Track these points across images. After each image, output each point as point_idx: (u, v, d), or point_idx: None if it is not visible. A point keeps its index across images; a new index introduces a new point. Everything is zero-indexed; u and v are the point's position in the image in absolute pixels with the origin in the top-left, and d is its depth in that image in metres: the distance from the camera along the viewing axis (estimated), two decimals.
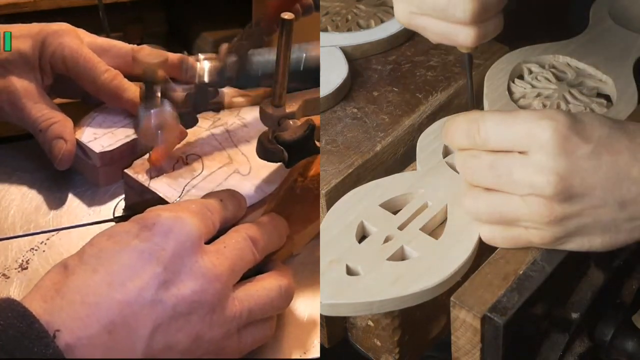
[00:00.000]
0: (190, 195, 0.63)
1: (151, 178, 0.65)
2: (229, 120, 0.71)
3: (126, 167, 0.66)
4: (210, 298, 0.50)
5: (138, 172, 0.66)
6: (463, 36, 0.58)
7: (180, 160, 0.66)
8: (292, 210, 0.61)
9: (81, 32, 0.72)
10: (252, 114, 0.72)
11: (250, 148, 0.66)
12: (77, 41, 0.70)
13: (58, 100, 0.72)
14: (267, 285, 0.54)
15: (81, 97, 0.74)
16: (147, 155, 0.66)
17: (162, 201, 0.63)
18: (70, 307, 0.47)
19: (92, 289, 0.48)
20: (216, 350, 0.51)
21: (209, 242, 0.53)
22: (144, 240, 0.50)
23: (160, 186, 0.64)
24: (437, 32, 0.59)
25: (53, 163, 0.69)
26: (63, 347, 0.45)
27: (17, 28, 0.70)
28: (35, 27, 0.70)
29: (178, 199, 0.63)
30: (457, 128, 0.56)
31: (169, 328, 0.48)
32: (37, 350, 0.44)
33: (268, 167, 0.65)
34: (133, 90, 0.69)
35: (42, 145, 0.69)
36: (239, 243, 0.54)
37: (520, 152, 0.53)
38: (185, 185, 0.64)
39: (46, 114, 0.68)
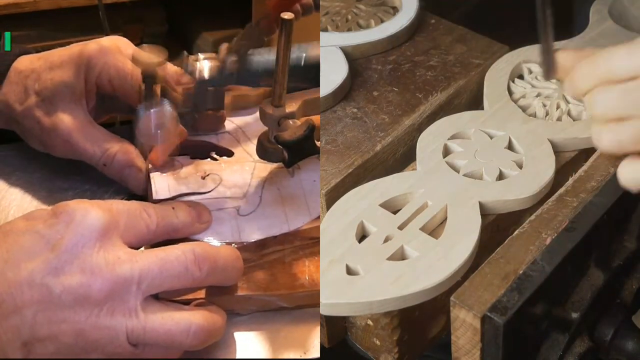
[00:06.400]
0: None
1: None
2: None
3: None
4: (95, 295, 0.49)
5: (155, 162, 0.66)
6: None
7: (201, 173, 0.66)
8: (259, 271, 0.58)
9: (122, 44, 0.68)
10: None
11: (274, 194, 0.64)
12: (121, 57, 0.66)
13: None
14: (178, 318, 0.51)
15: (127, 113, 0.71)
16: (181, 157, 0.66)
17: (151, 197, 0.63)
18: None
19: None
20: (104, 355, 0.50)
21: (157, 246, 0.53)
22: (47, 227, 0.51)
23: (160, 182, 0.64)
24: None
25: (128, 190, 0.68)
26: None
27: (56, 55, 0.67)
28: (74, 51, 0.67)
29: (161, 200, 0.62)
30: (580, 73, 0.56)
31: (53, 316, 0.49)
32: None
33: (273, 220, 0.62)
34: None
35: (111, 177, 0.67)
36: (173, 255, 0.52)
37: None
38: (181, 194, 0.63)
39: (103, 147, 0.66)
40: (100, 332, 0.50)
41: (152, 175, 0.65)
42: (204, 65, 0.64)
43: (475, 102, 0.73)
